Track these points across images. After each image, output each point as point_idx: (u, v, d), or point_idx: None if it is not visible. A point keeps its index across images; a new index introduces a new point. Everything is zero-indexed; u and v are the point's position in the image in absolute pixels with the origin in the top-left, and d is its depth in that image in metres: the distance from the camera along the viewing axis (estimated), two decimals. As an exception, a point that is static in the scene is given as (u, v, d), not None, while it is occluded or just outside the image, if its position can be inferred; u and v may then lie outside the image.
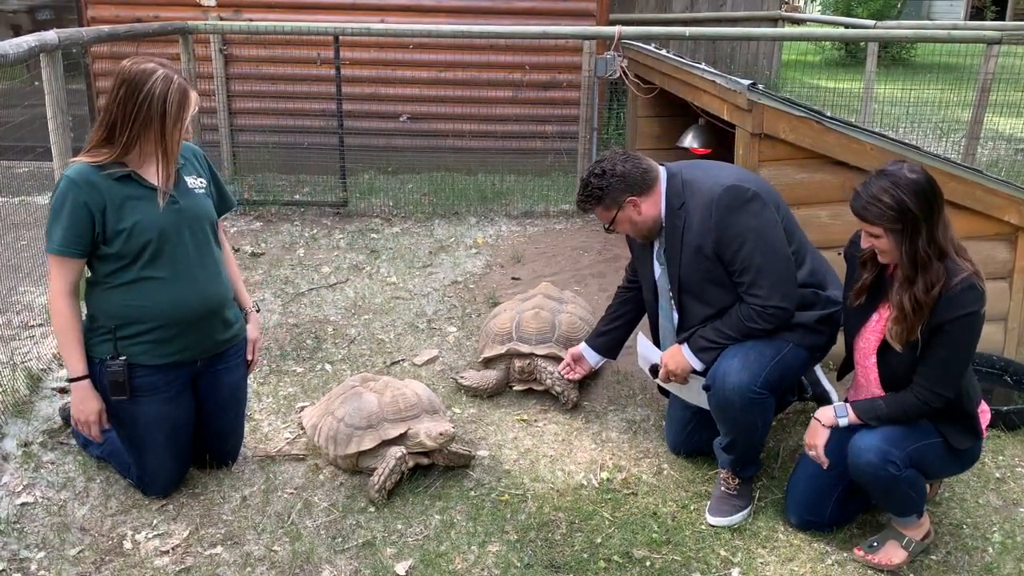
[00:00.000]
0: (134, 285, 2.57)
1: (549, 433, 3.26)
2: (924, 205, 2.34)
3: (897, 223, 2.35)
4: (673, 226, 2.76)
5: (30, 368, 3.50)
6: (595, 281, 4.62)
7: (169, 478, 2.81)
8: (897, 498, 2.52)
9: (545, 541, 2.66)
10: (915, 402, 2.45)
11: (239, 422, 2.98)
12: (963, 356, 2.42)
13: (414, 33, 5.93)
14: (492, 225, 5.73)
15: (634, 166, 2.77)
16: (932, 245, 2.36)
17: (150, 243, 2.54)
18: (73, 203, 2.47)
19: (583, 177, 2.84)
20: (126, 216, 2.52)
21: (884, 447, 2.43)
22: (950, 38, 6.27)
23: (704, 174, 2.76)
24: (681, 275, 2.77)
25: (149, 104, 2.45)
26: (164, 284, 2.59)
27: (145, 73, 2.46)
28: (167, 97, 2.47)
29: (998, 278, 3.52)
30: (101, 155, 2.51)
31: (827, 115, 3.31)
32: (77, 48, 5.31)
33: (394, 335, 4.08)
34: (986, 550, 2.66)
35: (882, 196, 2.35)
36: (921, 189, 2.34)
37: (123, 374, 2.60)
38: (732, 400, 2.64)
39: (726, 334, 2.72)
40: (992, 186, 3.38)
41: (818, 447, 2.54)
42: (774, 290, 2.63)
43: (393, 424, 2.90)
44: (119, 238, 2.52)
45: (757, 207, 2.65)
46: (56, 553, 2.56)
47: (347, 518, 2.74)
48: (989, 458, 3.10)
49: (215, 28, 5.99)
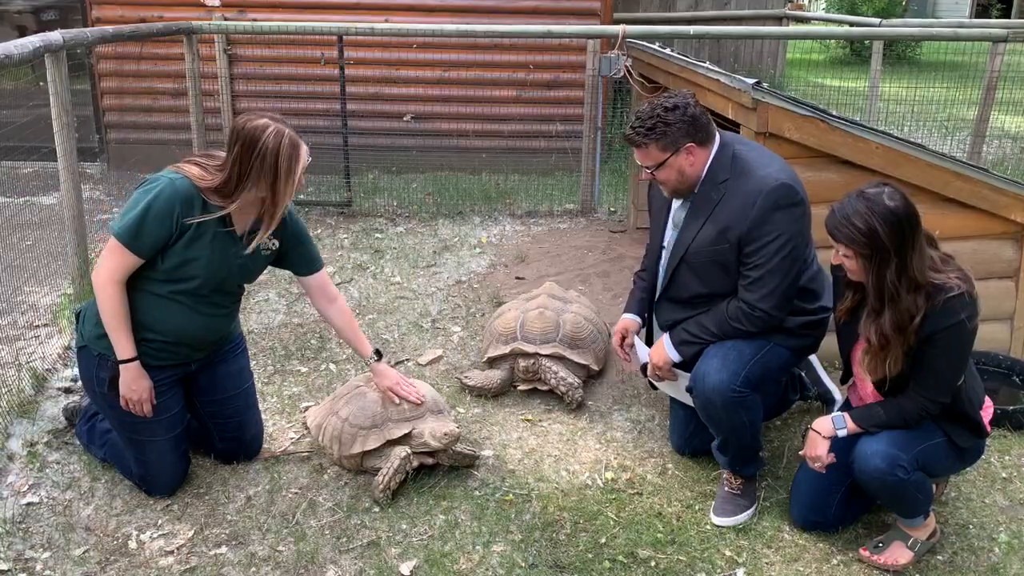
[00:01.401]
0: (161, 300, 2.61)
1: (554, 433, 3.26)
2: (896, 236, 2.29)
3: (866, 249, 2.32)
4: (707, 197, 2.67)
5: (35, 368, 3.51)
6: (599, 280, 4.61)
7: (172, 475, 2.82)
8: (905, 501, 2.51)
9: (550, 541, 2.66)
10: (913, 408, 2.44)
11: (252, 411, 2.99)
12: (956, 364, 2.40)
13: (418, 33, 5.93)
14: (496, 225, 5.73)
15: (703, 112, 2.63)
16: (902, 278, 2.32)
17: (196, 279, 2.60)
18: (165, 208, 2.48)
19: (647, 108, 2.63)
20: (195, 246, 2.56)
21: (892, 451, 2.41)
22: (956, 36, 6.26)
23: (757, 158, 2.67)
24: (692, 246, 2.70)
25: (263, 159, 2.50)
26: (186, 312, 2.64)
27: (258, 129, 2.50)
28: (279, 151, 2.51)
29: (1004, 277, 3.51)
30: (213, 194, 2.54)
31: (832, 114, 3.30)
32: (82, 48, 5.31)
33: (398, 335, 4.08)
34: (992, 550, 2.65)
35: (855, 219, 2.31)
36: (896, 219, 2.29)
37: None
38: (713, 400, 2.64)
39: (708, 330, 2.71)
40: (998, 185, 3.36)
41: (821, 459, 2.52)
42: (771, 296, 2.61)
43: (397, 424, 2.90)
44: (175, 259, 2.56)
45: (799, 213, 2.61)
46: (61, 553, 2.56)
47: (351, 518, 2.74)
48: (995, 458, 3.09)
49: (219, 28, 5.99)
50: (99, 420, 2.97)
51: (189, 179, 2.53)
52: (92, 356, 2.67)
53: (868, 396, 2.59)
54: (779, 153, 3.22)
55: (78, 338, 2.75)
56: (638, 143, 2.64)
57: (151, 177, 2.56)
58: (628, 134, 2.67)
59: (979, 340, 3.45)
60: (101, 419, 2.96)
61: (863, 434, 2.49)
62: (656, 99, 2.64)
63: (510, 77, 6.91)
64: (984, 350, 3.52)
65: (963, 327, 2.34)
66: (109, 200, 6.28)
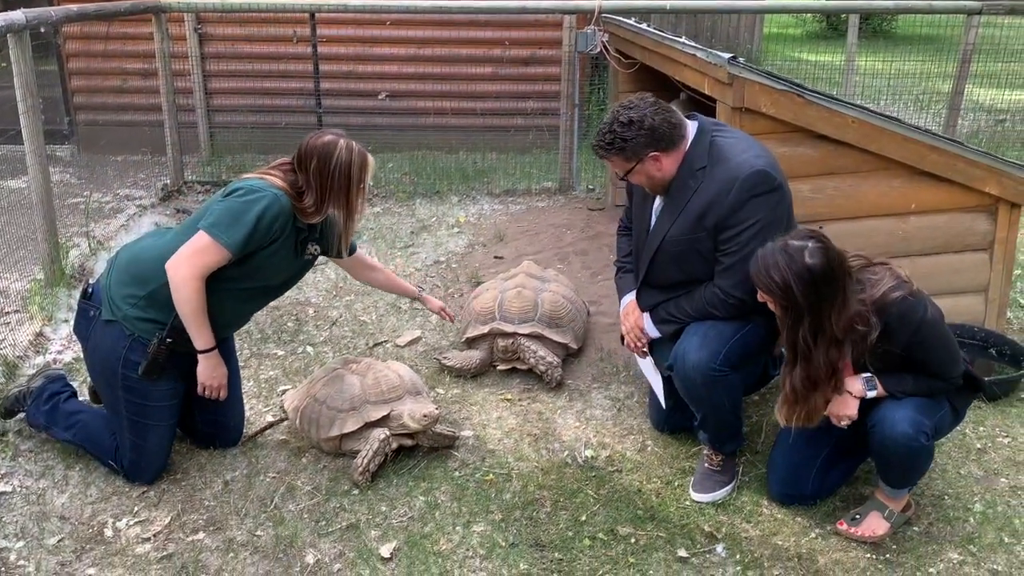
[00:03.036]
0: (222, 291, 2.64)
1: (533, 412, 3.26)
2: (811, 295, 2.29)
3: (782, 300, 2.34)
4: (685, 185, 2.67)
5: (6, 356, 3.45)
6: (578, 259, 4.60)
7: (163, 462, 2.81)
8: (914, 468, 2.54)
9: (530, 520, 2.66)
10: (941, 384, 2.48)
11: (237, 396, 2.99)
12: (947, 343, 2.45)
13: (391, 9, 5.85)
14: (474, 204, 5.70)
15: (664, 120, 2.62)
16: (817, 336, 2.33)
17: (265, 281, 2.74)
18: (269, 221, 2.58)
19: (607, 120, 2.65)
20: (278, 255, 2.68)
21: (918, 417, 2.43)
22: (931, 9, 6.25)
23: (735, 144, 2.66)
24: (669, 235, 2.71)
25: (339, 173, 2.64)
26: (238, 305, 2.78)
27: (330, 145, 2.64)
28: (351, 164, 2.66)
29: (979, 250, 3.53)
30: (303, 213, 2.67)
31: (808, 88, 3.28)
32: (46, 28, 5.19)
33: (376, 316, 4.05)
34: (967, 520, 2.68)
35: (772, 272, 2.31)
36: (813, 279, 2.28)
37: (165, 357, 2.65)
38: (693, 378, 2.65)
39: (687, 312, 2.74)
40: (972, 158, 3.37)
41: (852, 417, 2.50)
42: (744, 283, 2.60)
43: (376, 406, 2.88)
44: (253, 264, 2.64)
45: (776, 200, 2.61)
46: (35, 542, 2.53)
47: (330, 501, 2.73)
48: (970, 429, 3.12)
49: (189, 6, 5.88)
50: (63, 400, 2.91)
51: (288, 196, 2.64)
52: (124, 335, 2.64)
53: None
54: (755, 128, 3.22)
55: (105, 312, 2.67)
56: (601, 155, 2.71)
57: (249, 185, 2.62)
58: (593, 145, 2.72)
59: (955, 313, 3.51)
60: (65, 399, 2.91)
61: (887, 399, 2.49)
62: (616, 109, 2.65)
63: (486, 54, 6.85)
64: (960, 322, 3.55)
65: (927, 322, 2.38)
66: (80, 183, 6.18)
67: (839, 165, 3.33)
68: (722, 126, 2.79)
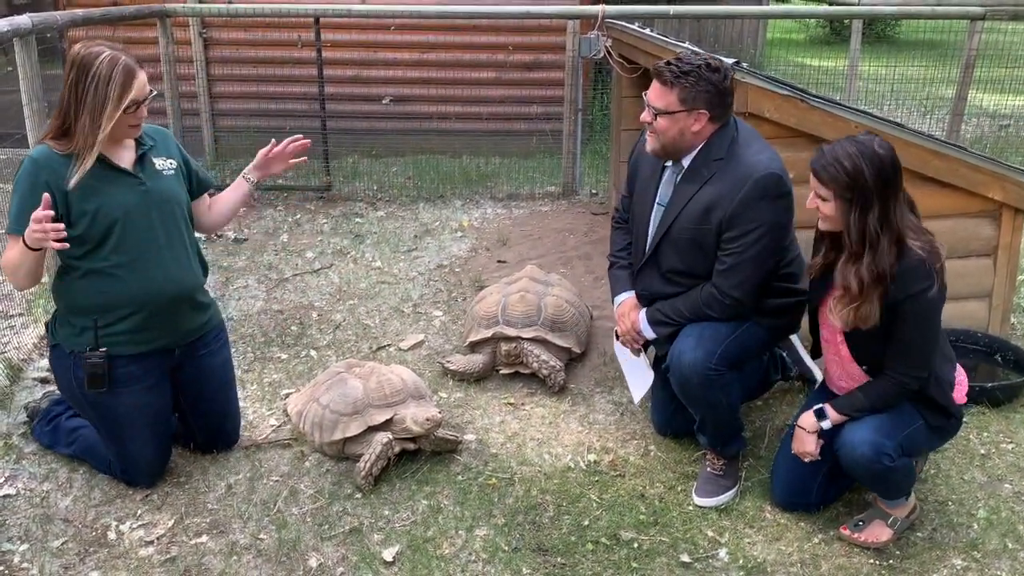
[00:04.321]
0: (106, 271, 2.54)
1: (536, 416, 3.26)
2: (880, 181, 2.32)
3: (848, 191, 2.34)
4: (698, 173, 2.66)
5: (10, 359, 3.46)
6: (581, 263, 4.60)
7: (153, 466, 2.79)
8: (890, 485, 2.53)
9: (533, 524, 2.66)
10: (892, 387, 2.45)
11: (233, 403, 2.98)
12: (925, 334, 2.41)
13: (395, 14, 5.87)
14: (477, 208, 5.70)
15: (730, 94, 2.63)
16: (884, 225, 2.34)
17: (115, 224, 2.52)
18: (33, 182, 2.45)
19: (691, 55, 2.63)
20: (90, 197, 2.49)
21: (877, 439, 2.41)
22: (934, 15, 6.26)
23: (754, 145, 2.67)
24: (677, 221, 2.70)
25: (96, 86, 2.43)
26: (134, 268, 2.57)
27: (91, 56, 2.45)
28: (111, 78, 2.44)
29: (982, 255, 3.53)
30: (57, 143, 2.50)
31: (812, 93, 3.29)
32: (52, 32, 5.22)
33: (379, 320, 4.06)
34: (971, 526, 2.67)
35: (843, 159, 2.33)
36: (883, 166, 2.33)
37: (103, 366, 2.57)
38: (689, 377, 2.65)
39: (682, 313, 2.73)
40: (976, 163, 3.37)
41: (810, 453, 2.54)
42: (743, 284, 2.62)
43: (379, 410, 2.88)
44: (83, 220, 2.49)
45: (784, 206, 2.61)
46: (39, 545, 2.54)
47: (333, 505, 2.73)
48: (974, 435, 3.11)
49: (194, 11, 5.90)
50: (64, 419, 2.92)
51: (43, 145, 2.49)
52: (65, 355, 2.62)
53: (844, 361, 2.59)
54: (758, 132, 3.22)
55: (51, 338, 2.69)
56: (666, 80, 2.57)
57: None
58: (660, 67, 2.60)
59: (958, 317, 3.50)
60: (67, 418, 2.92)
61: (847, 421, 2.50)
62: (706, 56, 2.62)
63: (490, 58, 6.86)
64: (963, 328, 3.54)
65: (924, 296, 2.35)
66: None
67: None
68: (748, 128, 2.78)
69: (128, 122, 2.52)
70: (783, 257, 2.71)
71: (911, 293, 2.34)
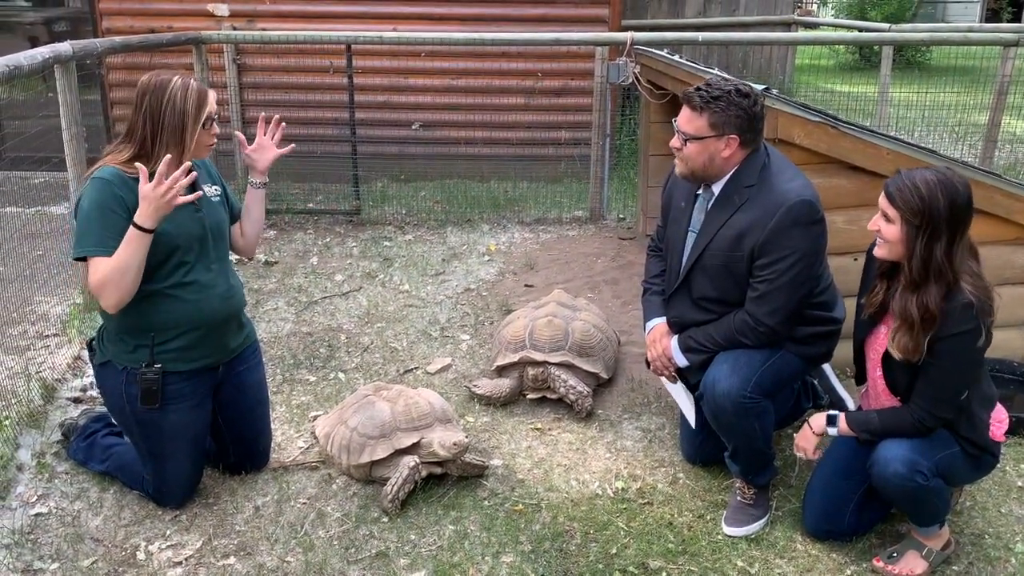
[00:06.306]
0: (164, 292, 2.59)
1: (563, 442, 3.24)
2: (952, 214, 2.30)
3: (916, 216, 2.31)
4: (729, 199, 2.65)
5: (45, 379, 3.51)
6: (608, 288, 4.59)
7: (187, 485, 2.82)
8: (923, 508, 2.48)
9: (560, 551, 2.64)
10: (910, 420, 2.42)
11: (267, 421, 3.01)
12: (957, 379, 2.37)
13: (426, 41, 5.93)
14: (505, 232, 5.72)
15: (762, 119, 2.62)
16: (947, 258, 2.32)
17: (177, 249, 2.58)
18: (107, 201, 2.47)
19: (720, 80, 2.63)
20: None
21: (912, 457, 2.39)
22: (966, 40, 6.22)
23: (786, 172, 2.66)
24: (708, 248, 2.69)
25: (174, 107, 2.53)
26: (193, 290, 2.63)
27: (164, 81, 2.55)
28: (187, 98, 2.55)
29: (1018, 283, 3.48)
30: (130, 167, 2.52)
31: (842, 120, 3.27)
32: (91, 59, 5.34)
33: (407, 343, 4.07)
34: (1008, 560, 2.61)
35: (920, 185, 2.32)
36: (957, 200, 2.31)
37: (158, 382, 2.62)
38: (723, 406, 2.62)
39: (715, 340, 2.71)
40: (1011, 190, 3.33)
41: (806, 452, 2.61)
42: (777, 312, 2.61)
43: (406, 433, 2.88)
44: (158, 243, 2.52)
45: (817, 232, 2.60)
46: (70, 564, 2.56)
47: (360, 528, 2.73)
48: (1011, 467, 3.05)
49: (228, 38, 6.01)
50: (100, 436, 2.96)
51: (110, 166, 2.53)
52: (118, 371, 2.65)
53: (881, 394, 2.56)
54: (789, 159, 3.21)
55: (99, 356, 2.71)
56: (695, 105, 2.58)
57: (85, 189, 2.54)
58: (690, 92, 2.61)
59: (994, 347, 3.43)
60: (103, 435, 2.95)
61: (881, 440, 2.47)
62: (737, 82, 2.63)
63: (519, 85, 6.91)
64: (999, 357, 3.48)
65: (968, 337, 2.32)
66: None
67: (874, 196, 3.25)
68: (778, 155, 2.77)
69: (205, 140, 2.63)
70: (816, 284, 2.69)
71: (952, 333, 2.32)
